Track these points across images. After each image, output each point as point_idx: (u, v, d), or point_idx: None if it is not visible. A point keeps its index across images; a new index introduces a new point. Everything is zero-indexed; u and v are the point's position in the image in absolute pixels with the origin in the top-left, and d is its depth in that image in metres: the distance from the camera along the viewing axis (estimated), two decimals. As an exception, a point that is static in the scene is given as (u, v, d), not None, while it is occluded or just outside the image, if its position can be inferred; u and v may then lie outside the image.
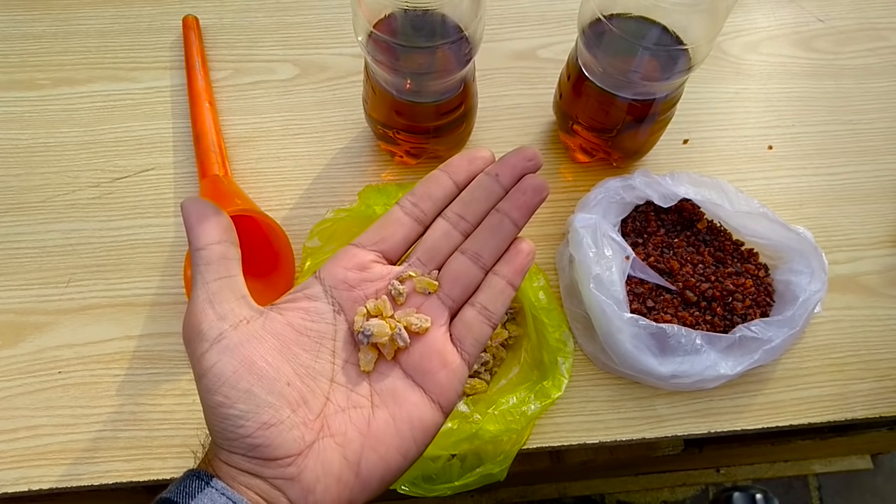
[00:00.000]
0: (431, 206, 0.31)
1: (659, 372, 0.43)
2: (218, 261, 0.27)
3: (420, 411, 0.28)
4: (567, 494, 0.91)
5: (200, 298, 0.27)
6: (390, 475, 0.27)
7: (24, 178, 0.52)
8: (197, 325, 0.26)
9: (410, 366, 0.29)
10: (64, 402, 0.45)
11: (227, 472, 0.26)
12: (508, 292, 0.30)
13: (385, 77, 0.43)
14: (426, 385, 0.29)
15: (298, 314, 0.28)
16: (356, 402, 0.28)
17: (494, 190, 0.30)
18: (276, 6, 0.60)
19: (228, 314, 0.27)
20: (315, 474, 0.26)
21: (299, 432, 0.26)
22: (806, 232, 0.48)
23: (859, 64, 0.59)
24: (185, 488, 0.25)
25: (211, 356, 0.26)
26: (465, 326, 0.30)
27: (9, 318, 0.47)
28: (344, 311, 0.29)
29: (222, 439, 0.26)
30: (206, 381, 0.26)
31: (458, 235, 0.31)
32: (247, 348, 0.26)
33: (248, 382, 0.26)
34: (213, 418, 0.26)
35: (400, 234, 0.31)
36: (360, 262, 0.30)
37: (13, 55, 0.57)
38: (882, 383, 0.47)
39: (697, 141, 0.55)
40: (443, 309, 0.30)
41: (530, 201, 0.30)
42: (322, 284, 0.30)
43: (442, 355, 0.29)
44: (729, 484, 0.95)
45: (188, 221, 0.28)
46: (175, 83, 0.56)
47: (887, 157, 0.55)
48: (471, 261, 0.30)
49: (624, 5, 0.41)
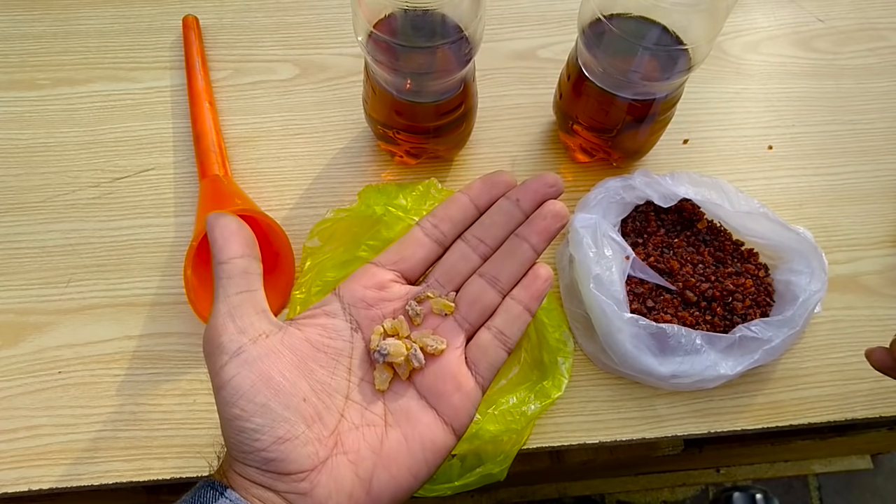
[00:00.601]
0: (451, 228, 0.31)
1: (659, 372, 0.43)
2: (240, 275, 0.28)
3: (433, 433, 0.28)
4: (567, 494, 0.91)
5: (221, 311, 0.27)
6: (401, 494, 0.27)
7: (24, 178, 0.52)
8: (217, 338, 0.27)
9: (425, 387, 0.29)
10: (64, 402, 0.45)
11: (241, 483, 0.26)
12: (525, 318, 0.30)
13: (385, 77, 0.43)
14: (439, 407, 0.29)
15: (316, 330, 0.29)
16: (370, 420, 0.28)
17: (515, 215, 0.31)
18: (276, 6, 0.60)
19: (248, 328, 0.27)
20: (327, 490, 0.26)
21: (313, 448, 0.26)
22: (806, 232, 0.48)
23: (859, 64, 0.59)
24: (200, 498, 0.25)
25: (230, 369, 0.26)
26: (480, 350, 0.30)
27: (9, 318, 0.47)
28: (361, 329, 0.30)
29: (237, 451, 0.26)
30: (224, 393, 0.26)
31: (477, 258, 0.31)
32: (265, 363, 0.26)
33: (264, 397, 0.26)
34: (229, 430, 0.26)
35: (419, 254, 0.31)
36: (379, 282, 0.30)
37: (13, 55, 0.57)
38: (882, 383, 0.47)
39: (697, 141, 0.55)
40: (459, 331, 0.30)
41: (550, 227, 0.30)
42: (341, 302, 0.30)
43: (456, 378, 0.29)
44: (729, 484, 0.95)
45: (213, 235, 0.28)
46: (175, 83, 0.56)
47: (887, 157, 0.55)
48: (488, 284, 0.30)
49: (624, 5, 0.41)
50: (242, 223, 0.29)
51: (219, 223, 0.28)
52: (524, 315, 0.30)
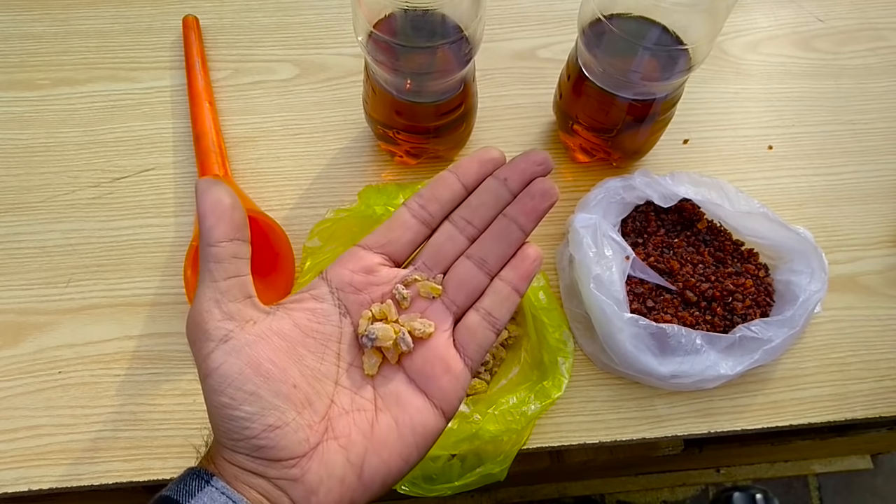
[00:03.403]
0: (439, 209, 0.31)
1: (659, 372, 0.43)
2: (228, 259, 0.27)
3: (423, 416, 0.28)
4: (567, 494, 0.92)
5: (207, 297, 0.26)
6: (391, 478, 0.27)
7: (24, 178, 0.52)
8: (203, 325, 0.26)
9: (414, 370, 0.29)
10: (64, 402, 0.45)
11: (230, 470, 0.26)
12: (514, 298, 0.30)
13: (385, 77, 0.43)
14: (429, 390, 0.29)
15: (305, 315, 0.28)
16: (360, 405, 0.28)
17: (502, 195, 0.30)
18: (276, 6, 0.60)
19: (235, 314, 0.27)
20: (319, 476, 0.26)
21: (304, 434, 0.26)
22: (806, 232, 0.48)
23: (859, 64, 0.59)
24: (185, 486, 0.25)
25: (217, 357, 0.26)
26: (468, 332, 0.30)
27: (9, 318, 0.47)
28: (350, 313, 0.29)
29: (226, 439, 0.26)
30: (212, 381, 0.25)
31: (464, 240, 0.30)
32: (253, 349, 0.26)
33: (253, 384, 0.26)
34: (217, 418, 0.26)
35: (407, 236, 0.30)
36: (367, 265, 0.30)
37: (13, 55, 0.57)
38: (882, 383, 0.47)
39: (697, 141, 0.55)
40: (447, 314, 0.30)
41: (538, 206, 0.30)
42: (329, 286, 0.29)
43: (445, 361, 0.29)
44: (729, 484, 0.95)
45: (203, 209, 0.27)
46: (175, 83, 0.56)
47: (887, 157, 0.55)
48: (476, 266, 0.30)
49: (624, 5, 0.41)
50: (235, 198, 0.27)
51: (210, 196, 0.27)
52: (513, 296, 0.30)
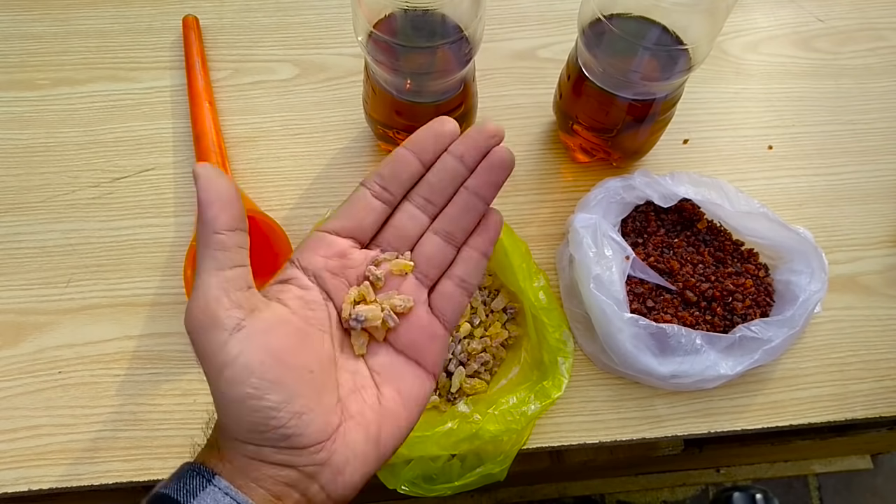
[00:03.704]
0: (399, 188, 0.31)
1: (659, 372, 0.43)
2: (234, 248, 0.27)
3: (420, 382, 0.30)
4: (567, 494, 0.92)
5: (213, 285, 0.26)
6: (401, 443, 0.29)
7: (24, 178, 0.52)
8: (212, 313, 0.25)
9: (401, 343, 0.30)
10: (64, 402, 0.45)
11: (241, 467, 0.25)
12: (483, 262, 0.32)
13: (385, 77, 0.43)
14: (420, 359, 0.30)
15: (298, 303, 0.29)
16: (362, 383, 0.29)
17: (459, 171, 0.31)
18: (276, 6, 0.60)
19: (243, 302, 0.26)
20: (344, 456, 0.26)
21: (327, 418, 0.26)
22: (806, 232, 0.48)
23: (859, 64, 0.59)
24: (186, 485, 0.25)
25: (234, 345, 0.25)
26: (444, 299, 0.31)
27: (9, 318, 0.47)
28: (332, 298, 0.30)
29: (250, 432, 0.25)
30: (231, 371, 0.25)
31: (426, 218, 0.31)
32: (269, 337, 0.26)
33: (276, 372, 0.25)
34: (239, 411, 0.25)
35: (370, 218, 0.31)
36: (339, 251, 0.30)
37: (13, 55, 0.57)
38: (882, 383, 0.47)
39: (697, 141, 0.55)
40: (420, 287, 0.31)
41: (498, 179, 0.31)
42: (306, 273, 0.30)
43: (427, 329, 0.30)
44: (729, 484, 0.95)
45: (207, 197, 0.26)
46: (175, 83, 0.56)
47: (887, 157, 0.55)
48: (444, 240, 0.31)
49: (624, 5, 0.41)
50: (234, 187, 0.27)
51: (213, 184, 0.26)
52: (482, 261, 0.32)
